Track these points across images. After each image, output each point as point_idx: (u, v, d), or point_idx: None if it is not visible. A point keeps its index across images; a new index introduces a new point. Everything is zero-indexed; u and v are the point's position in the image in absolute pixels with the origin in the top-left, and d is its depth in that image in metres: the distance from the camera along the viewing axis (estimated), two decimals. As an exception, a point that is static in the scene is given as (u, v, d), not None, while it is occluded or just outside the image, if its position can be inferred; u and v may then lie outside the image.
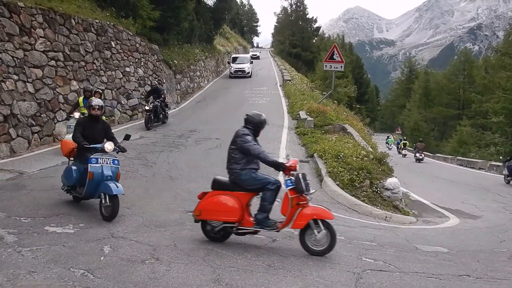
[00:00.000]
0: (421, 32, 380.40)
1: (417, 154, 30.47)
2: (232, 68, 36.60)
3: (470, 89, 48.27)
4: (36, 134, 11.35)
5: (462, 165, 26.94)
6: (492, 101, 32.71)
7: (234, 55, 41.74)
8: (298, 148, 13.99)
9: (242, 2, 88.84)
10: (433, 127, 54.95)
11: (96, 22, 15.72)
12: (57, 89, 12.54)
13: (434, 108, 55.15)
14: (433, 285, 4.59)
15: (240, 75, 35.83)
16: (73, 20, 14.03)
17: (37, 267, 4.42)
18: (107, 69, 16.00)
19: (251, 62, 38.36)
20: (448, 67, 60.22)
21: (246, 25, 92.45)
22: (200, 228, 5.69)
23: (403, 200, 10.19)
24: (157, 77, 20.50)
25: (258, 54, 58.86)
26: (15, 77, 10.76)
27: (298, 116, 18.22)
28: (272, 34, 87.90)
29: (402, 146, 36.32)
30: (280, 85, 31.44)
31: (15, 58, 10.86)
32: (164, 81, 21.56)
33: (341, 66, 20.59)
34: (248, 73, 36.20)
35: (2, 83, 10.21)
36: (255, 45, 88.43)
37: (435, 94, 57.74)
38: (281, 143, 14.20)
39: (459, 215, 10.25)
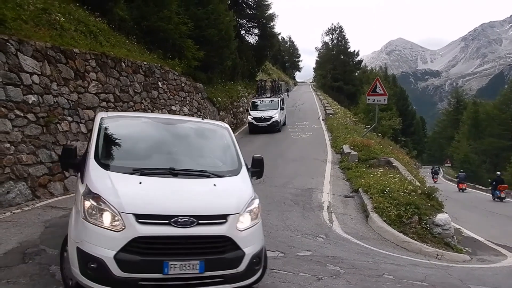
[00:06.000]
0: (467, 62, 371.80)
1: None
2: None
3: (523, 119, 46.32)
4: (87, 172, 11.83)
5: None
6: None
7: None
8: (342, 183, 13.79)
9: (283, 38, 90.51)
10: (484, 159, 52.70)
11: (144, 64, 16.49)
12: (107, 129, 13.11)
13: (485, 139, 53.14)
14: (490, 330, 4.31)
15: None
16: (123, 63, 14.80)
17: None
18: (154, 108, 16.63)
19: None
20: (498, 97, 58.34)
21: (288, 61, 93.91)
22: None
23: (455, 236, 9.74)
24: (201, 114, 21.06)
25: (273, 114, 25.66)
26: (70, 118, 11.37)
27: (341, 150, 18.04)
28: (313, 68, 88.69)
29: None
30: (322, 119, 31.38)
31: (70, 101, 11.52)
32: (209, 118, 22.12)
33: (384, 99, 20.39)
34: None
35: (58, 125, 10.82)
36: (267, 90, 34.08)
37: (485, 125, 55.73)
38: (324, 178, 14.07)
39: (518, 253, 9.65)
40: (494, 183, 27.63)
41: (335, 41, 72.94)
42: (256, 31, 39.87)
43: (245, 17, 38.34)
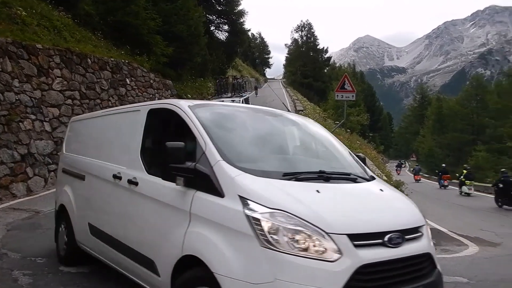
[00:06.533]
0: (431, 58, 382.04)
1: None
2: None
3: (483, 114, 48.00)
4: (52, 172, 11.50)
5: (479, 191, 26.47)
6: (507, 126, 32.45)
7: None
8: (311, 178, 13.92)
9: (253, 35, 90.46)
10: (448, 153, 54.37)
11: (112, 60, 16.18)
12: (73, 127, 12.82)
13: (448, 134, 54.74)
14: (453, 318, 4.47)
15: None
16: (89, 60, 14.47)
17: (53, 306, 4.41)
18: (122, 106, 16.34)
19: None
20: (461, 93, 60.12)
21: (258, 57, 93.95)
22: None
23: (420, 229, 10.02)
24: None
25: None
26: (33, 116, 11.05)
27: (311, 146, 18.22)
28: (283, 65, 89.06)
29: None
30: (292, 116, 31.48)
31: (32, 99, 11.19)
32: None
33: (353, 96, 20.61)
34: None
35: (20, 123, 10.49)
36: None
37: (449, 120, 57.42)
38: (294, 174, 14.15)
39: (478, 243, 10.02)
40: (440, 173, 32.20)
41: (304, 38, 73.43)
42: (226, 27, 39.74)
43: (215, 13, 38.13)
